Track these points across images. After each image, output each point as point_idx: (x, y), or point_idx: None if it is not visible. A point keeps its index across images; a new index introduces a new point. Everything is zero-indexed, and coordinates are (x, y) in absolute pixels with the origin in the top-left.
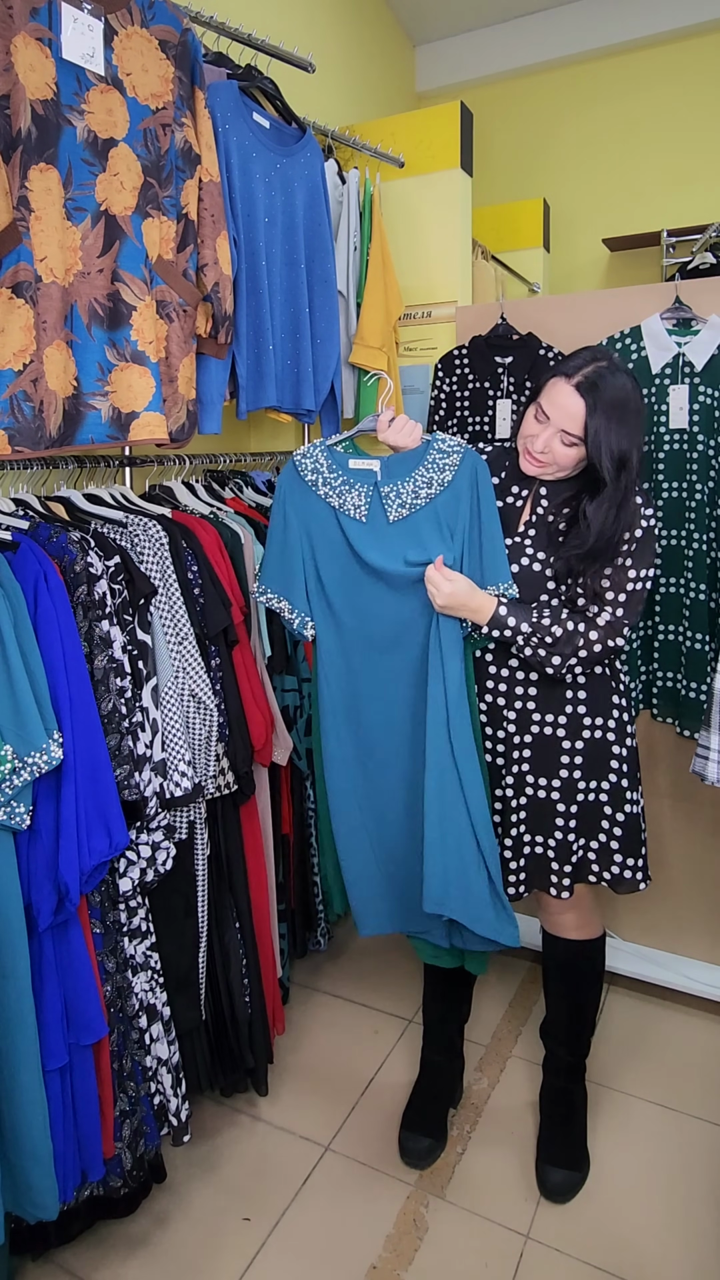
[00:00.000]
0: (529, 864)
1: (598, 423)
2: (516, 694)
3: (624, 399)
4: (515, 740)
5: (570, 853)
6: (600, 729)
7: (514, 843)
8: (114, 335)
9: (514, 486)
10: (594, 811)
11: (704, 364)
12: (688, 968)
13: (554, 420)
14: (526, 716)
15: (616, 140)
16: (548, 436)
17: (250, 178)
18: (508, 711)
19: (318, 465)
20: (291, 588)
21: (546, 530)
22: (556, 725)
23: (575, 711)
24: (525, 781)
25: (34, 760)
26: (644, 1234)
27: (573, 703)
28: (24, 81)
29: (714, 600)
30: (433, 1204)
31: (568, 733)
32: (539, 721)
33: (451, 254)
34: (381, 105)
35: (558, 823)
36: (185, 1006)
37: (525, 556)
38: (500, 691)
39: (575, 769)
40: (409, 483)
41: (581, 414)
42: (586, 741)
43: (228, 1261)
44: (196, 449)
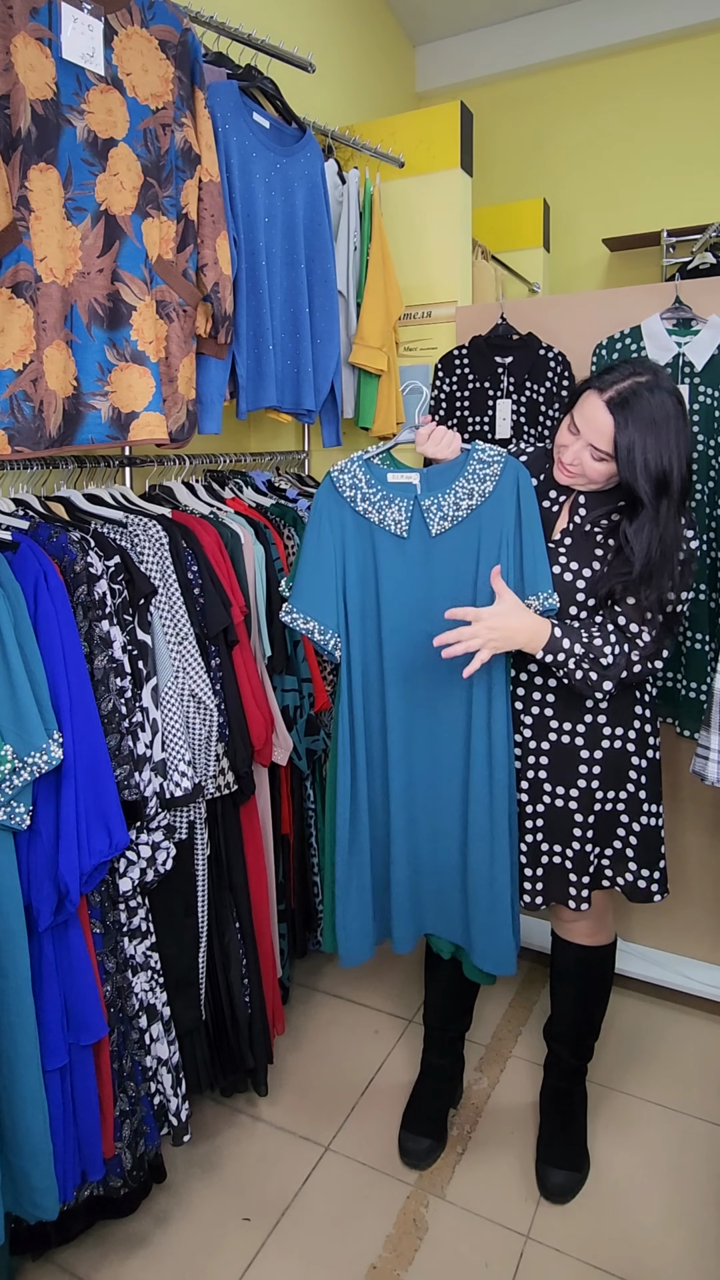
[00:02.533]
0: (546, 874)
1: (629, 440)
2: (534, 699)
3: (662, 418)
4: (531, 746)
5: (588, 863)
6: (620, 739)
7: (530, 849)
8: (114, 335)
9: (551, 491)
10: (611, 820)
11: (704, 364)
12: (689, 968)
13: (583, 434)
14: (544, 723)
15: (616, 140)
16: (577, 449)
17: (250, 178)
18: (524, 716)
19: (355, 480)
20: (323, 607)
21: (583, 540)
22: (575, 734)
23: (595, 721)
24: (542, 789)
25: (34, 760)
26: (644, 1234)
27: (593, 711)
28: (24, 81)
29: (714, 600)
30: (433, 1204)
31: (586, 742)
32: (557, 729)
33: (451, 254)
34: (381, 105)
35: (575, 833)
36: (185, 1006)
37: (558, 565)
38: (517, 695)
39: (593, 779)
40: (449, 495)
41: (610, 431)
42: (606, 752)
43: (228, 1261)
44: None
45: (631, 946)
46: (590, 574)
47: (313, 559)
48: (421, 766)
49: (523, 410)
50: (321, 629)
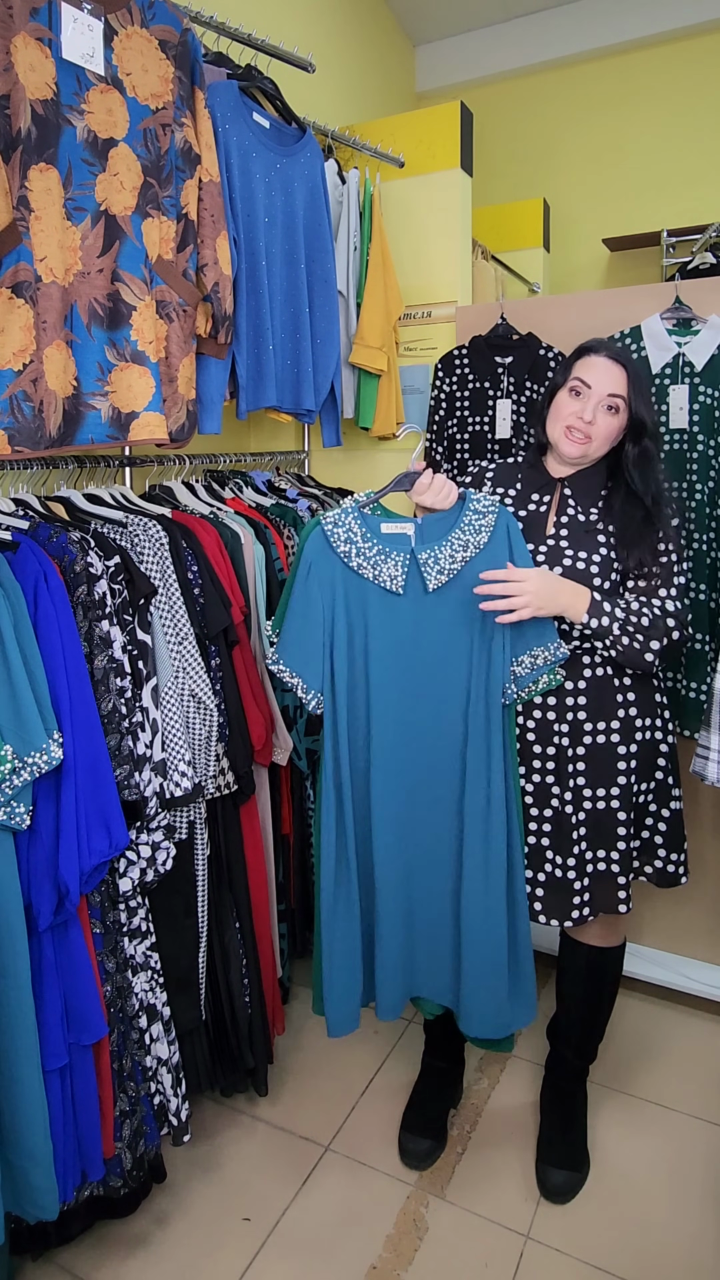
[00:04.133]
0: (594, 883)
1: (636, 382)
2: (566, 705)
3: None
4: (569, 754)
5: (631, 860)
6: (651, 729)
7: (577, 861)
8: (114, 335)
9: (534, 494)
10: (643, 812)
11: (704, 364)
12: (689, 968)
13: (597, 389)
14: (579, 727)
15: (617, 140)
16: (593, 405)
17: (250, 178)
18: (559, 725)
19: (350, 534)
20: (309, 665)
21: (580, 531)
22: (610, 731)
23: (628, 714)
24: (583, 795)
25: (34, 760)
26: (644, 1234)
27: (624, 705)
28: (24, 81)
29: (714, 600)
30: (433, 1204)
31: (622, 737)
32: (591, 731)
33: (451, 254)
34: (381, 105)
35: (619, 832)
36: (185, 1006)
37: (566, 557)
38: (550, 705)
39: (631, 774)
40: (445, 546)
41: (624, 377)
42: (640, 744)
43: (228, 1261)
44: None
45: (633, 946)
46: (599, 558)
47: (300, 612)
48: (415, 825)
49: (523, 410)
50: (305, 687)
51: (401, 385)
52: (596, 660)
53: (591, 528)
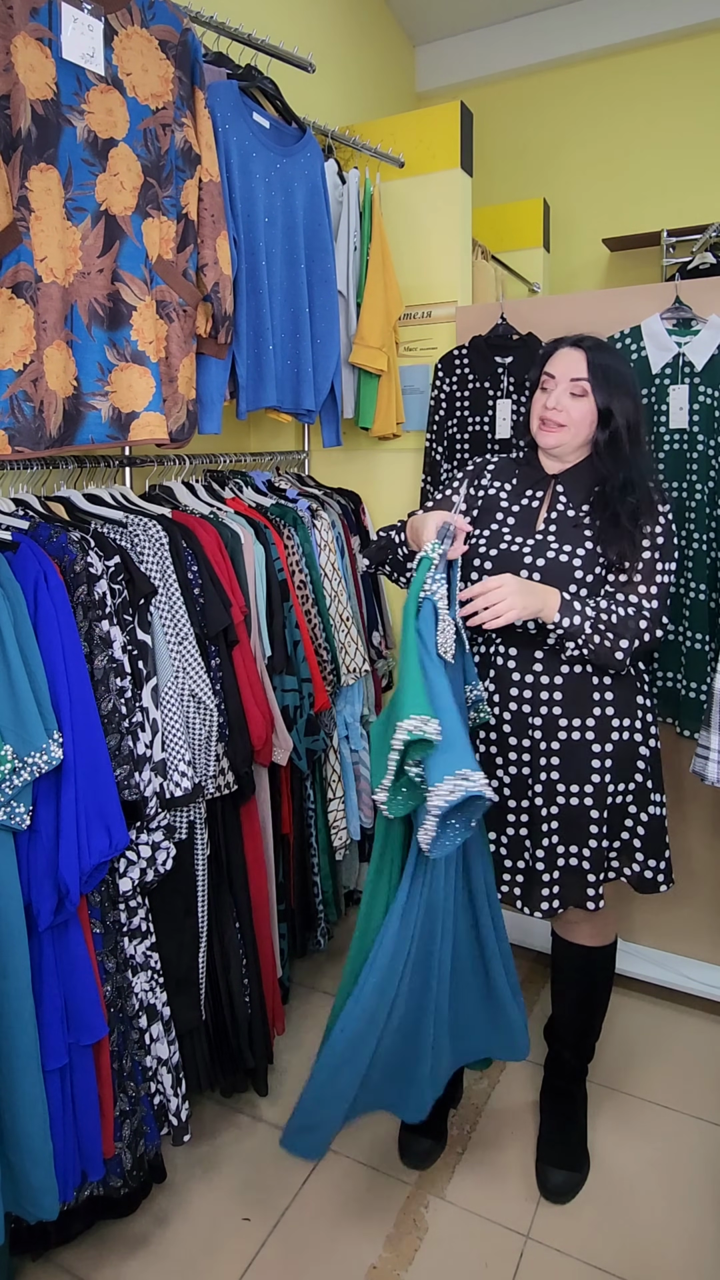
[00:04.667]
0: (563, 877)
1: (598, 362)
2: (542, 699)
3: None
4: (542, 747)
5: (604, 859)
6: (628, 730)
7: (546, 854)
8: (114, 335)
9: (528, 490)
10: (620, 812)
11: (704, 364)
12: (689, 968)
13: (560, 377)
14: (553, 722)
15: (616, 140)
16: (558, 393)
17: (250, 177)
18: (533, 719)
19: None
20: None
21: (569, 525)
22: (585, 729)
23: (604, 714)
24: (556, 790)
25: (34, 760)
26: (644, 1234)
27: (600, 704)
28: (24, 81)
29: (714, 600)
30: (433, 1204)
31: (597, 736)
32: (566, 726)
33: (451, 254)
34: (381, 105)
35: (591, 830)
36: (185, 1006)
37: (551, 550)
38: (525, 699)
39: (605, 773)
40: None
41: (583, 360)
42: (615, 744)
43: (228, 1261)
44: (196, 449)
45: (631, 946)
46: (584, 552)
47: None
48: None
49: (523, 410)
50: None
51: (401, 385)
52: (574, 656)
53: (579, 522)
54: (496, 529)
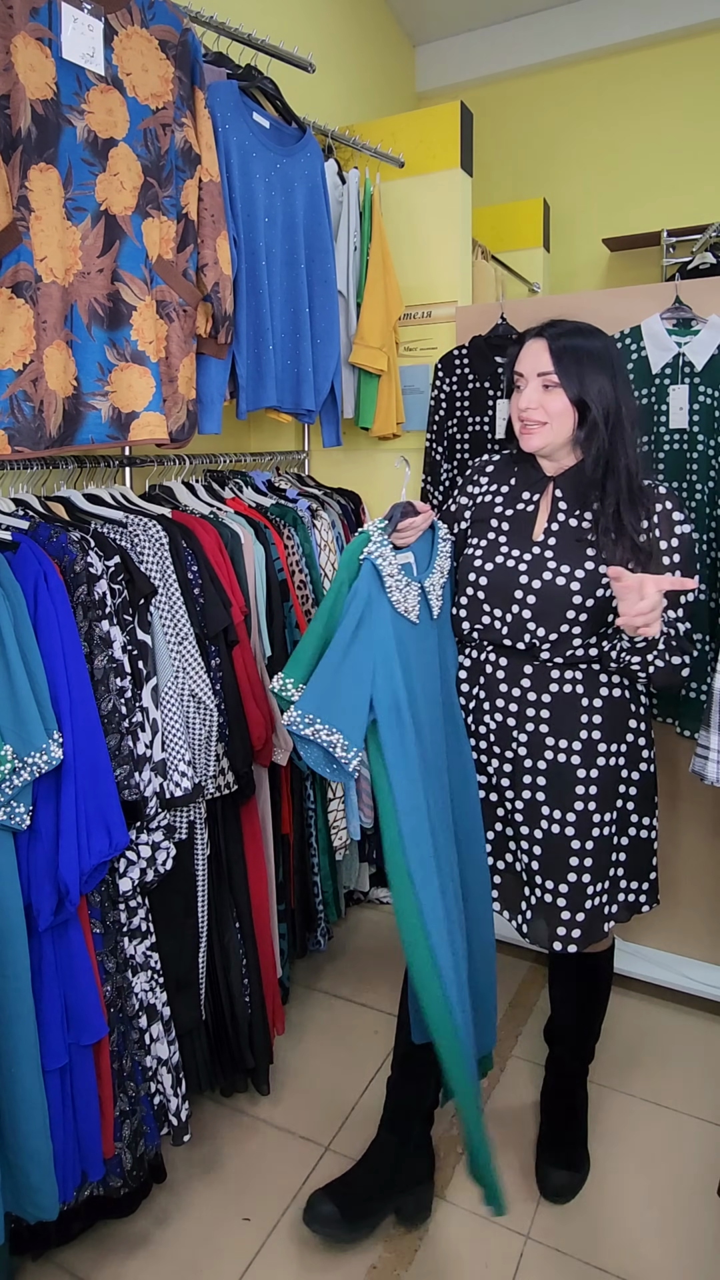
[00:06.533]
0: (535, 912)
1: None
2: (528, 715)
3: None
4: (527, 765)
5: (584, 898)
6: (615, 755)
7: (524, 880)
8: (114, 335)
9: (524, 493)
10: (605, 845)
11: (704, 364)
12: (688, 968)
13: (528, 373)
14: (539, 740)
15: (616, 140)
16: (530, 391)
17: (250, 177)
18: (518, 734)
19: (389, 563)
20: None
21: (569, 539)
22: (571, 752)
23: (590, 737)
24: (540, 813)
25: (34, 760)
26: (644, 1234)
27: (588, 727)
28: (24, 81)
29: (714, 600)
30: (433, 1204)
31: (583, 760)
32: (553, 747)
33: (451, 254)
34: (381, 105)
35: (572, 863)
36: (185, 1006)
37: (548, 570)
38: (510, 711)
39: (590, 800)
40: (436, 574)
41: (547, 351)
42: (601, 770)
43: (228, 1261)
44: (196, 449)
45: (631, 946)
46: (584, 574)
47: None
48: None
49: None
50: (345, 744)
51: (401, 385)
52: (565, 676)
53: (582, 534)
54: (493, 539)
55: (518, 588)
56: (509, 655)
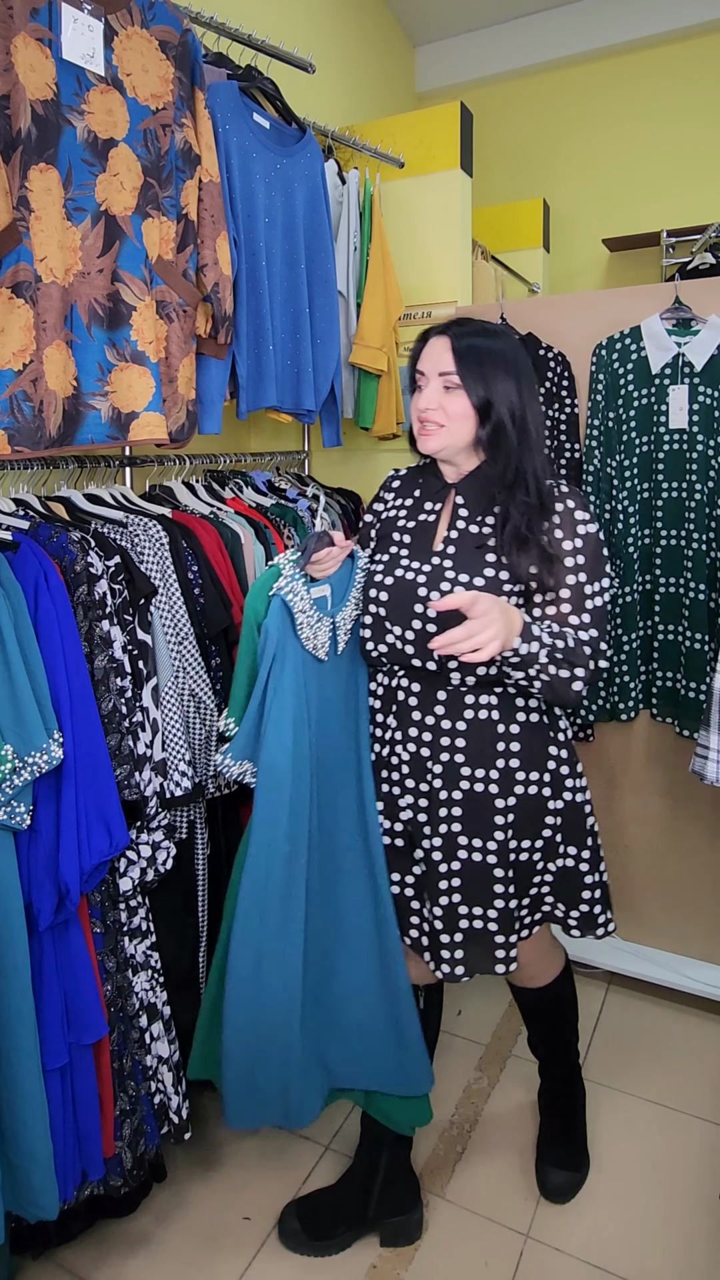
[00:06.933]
0: (467, 941)
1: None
2: (442, 745)
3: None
4: (442, 797)
5: (513, 920)
6: (535, 784)
7: (445, 914)
8: (114, 335)
9: (427, 503)
10: (527, 869)
11: (704, 364)
12: (688, 967)
13: (429, 372)
14: (454, 770)
15: (616, 140)
16: (430, 391)
17: (250, 178)
18: (433, 764)
19: (300, 598)
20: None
21: (469, 547)
22: (488, 781)
23: (508, 765)
24: (457, 844)
25: (34, 760)
26: (644, 1234)
27: (505, 755)
28: (24, 82)
29: (714, 600)
30: (433, 1204)
31: (500, 789)
32: (469, 777)
33: (451, 254)
34: (381, 105)
35: (496, 889)
36: (186, 1006)
37: (445, 582)
38: (425, 741)
39: (508, 828)
40: (349, 605)
41: (448, 347)
42: (519, 798)
43: (228, 1261)
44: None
45: (631, 946)
46: (483, 582)
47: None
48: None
49: None
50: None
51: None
52: (480, 702)
53: (482, 541)
54: (395, 552)
55: (417, 601)
56: (421, 680)
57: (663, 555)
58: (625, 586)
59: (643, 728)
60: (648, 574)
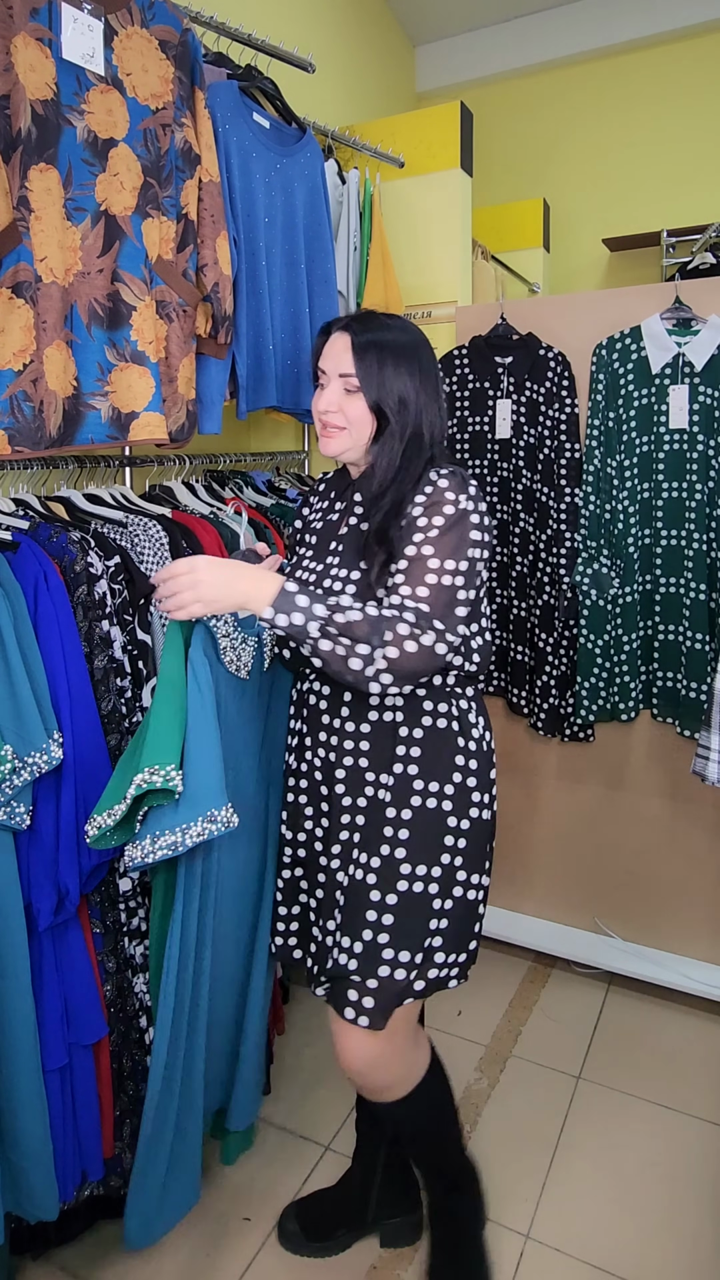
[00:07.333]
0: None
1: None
2: (347, 748)
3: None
4: (345, 804)
5: (377, 963)
6: (435, 796)
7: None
8: (114, 335)
9: (338, 503)
10: (419, 905)
11: (704, 364)
12: (688, 967)
13: (330, 371)
14: (359, 776)
15: (616, 140)
16: (330, 392)
17: (250, 178)
18: (338, 770)
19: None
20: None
21: (354, 541)
22: (382, 787)
23: (405, 771)
24: (351, 857)
25: (34, 760)
26: (644, 1234)
27: (404, 760)
28: (24, 81)
29: (714, 600)
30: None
31: (394, 798)
32: (372, 782)
33: (451, 254)
34: (381, 105)
35: (369, 917)
36: None
37: (329, 578)
38: (332, 745)
39: (399, 846)
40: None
41: (348, 348)
42: (417, 811)
43: (228, 1261)
44: (196, 449)
45: (632, 946)
46: (359, 575)
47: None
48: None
49: (522, 410)
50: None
51: None
52: (385, 703)
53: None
54: (301, 553)
55: None
56: (331, 683)
57: (663, 555)
58: (625, 587)
59: (643, 728)
60: (648, 574)
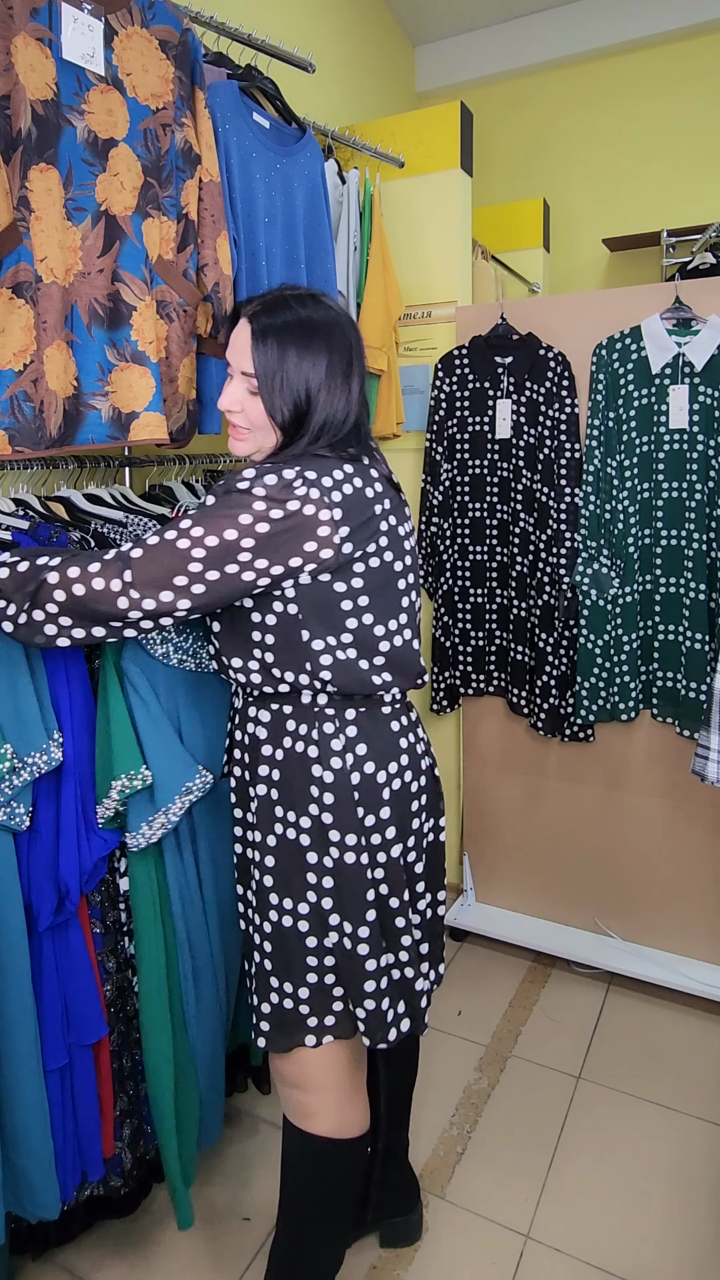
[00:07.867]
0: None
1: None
2: (235, 757)
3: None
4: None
5: (267, 989)
6: (293, 827)
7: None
8: (114, 335)
9: None
10: (293, 939)
11: (704, 364)
12: (688, 967)
13: (234, 365)
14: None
15: (616, 140)
16: (233, 389)
17: (250, 178)
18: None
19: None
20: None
21: None
22: (252, 809)
23: (267, 795)
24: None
25: (34, 760)
26: (644, 1234)
27: (265, 782)
28: (24, 82)
29: (714, 600)
30: (433, 1204)
31: (259, 820)
32: (250, 797)
33: (451, 254)
34: (381, 105)
35: (255, 940)
36: None
37: None
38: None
39: (266, 873)
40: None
41: (249, 344)
42: (280, 840)
43: (228, 1261)
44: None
45: (631, 946)
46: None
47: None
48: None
49: (523, 410)
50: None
51: (401, 385)
52: (258, 717)
53: None
54: None
55: None
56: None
57: (663, 555)
58: (625, 587)
59: (643, 728)
60: (648, 574)
